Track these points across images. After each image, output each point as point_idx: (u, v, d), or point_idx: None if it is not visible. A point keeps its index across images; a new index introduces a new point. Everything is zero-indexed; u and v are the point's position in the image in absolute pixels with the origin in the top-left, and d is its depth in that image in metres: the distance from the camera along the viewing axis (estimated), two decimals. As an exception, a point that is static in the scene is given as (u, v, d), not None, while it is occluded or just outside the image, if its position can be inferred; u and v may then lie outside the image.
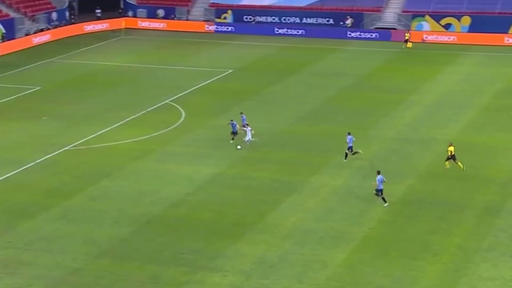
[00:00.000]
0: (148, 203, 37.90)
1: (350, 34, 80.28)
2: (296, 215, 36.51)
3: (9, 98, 56.92)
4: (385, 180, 37.51)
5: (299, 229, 35.00)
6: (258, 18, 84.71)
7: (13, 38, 75.09)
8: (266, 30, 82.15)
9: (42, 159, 43.98)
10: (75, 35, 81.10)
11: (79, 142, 46.93)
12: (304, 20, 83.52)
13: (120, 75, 64.33)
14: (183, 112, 53.42)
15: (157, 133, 48.72)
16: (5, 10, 78.90)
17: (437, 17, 79.84)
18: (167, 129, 49.50)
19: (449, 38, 77.98)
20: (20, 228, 34.90)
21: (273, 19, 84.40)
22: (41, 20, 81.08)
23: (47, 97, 57.63)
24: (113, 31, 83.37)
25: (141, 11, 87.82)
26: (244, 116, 46.86)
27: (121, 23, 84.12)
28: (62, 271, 31.06)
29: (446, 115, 52.47)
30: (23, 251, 32.66)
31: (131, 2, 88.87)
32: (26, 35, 77.09)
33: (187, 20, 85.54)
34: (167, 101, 56.24)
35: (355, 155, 43.36)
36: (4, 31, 76.17)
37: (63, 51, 73.48)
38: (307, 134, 48.74)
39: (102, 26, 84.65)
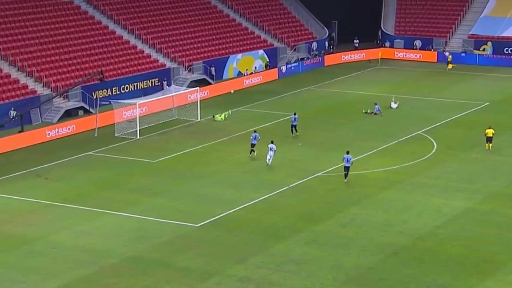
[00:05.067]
0: (396, 233, 38.03)
1: None
2: (551, 257, 34.82)
3: (268, 124, 59.77)
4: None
5: (554, 272, 33.35)
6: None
7: (275, 67, 78.79)
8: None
9: (296, 183, 45.72)
10: (333, 64, 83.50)
11: (330, 169, 48.18)
12: None
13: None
14: (435, 144, 52.95)
15: (407, 164, 48.74)
16: (270, 40, 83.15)
17: None
18: (418, 160, 49.35)
19: None
20: (273, 249, 36.47)
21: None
22: (301, 50, 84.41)
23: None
24: (369, 61, 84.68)
25: (398, 42, 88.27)
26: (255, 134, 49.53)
27: (377, 53, 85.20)
28: (309, 294, 32.10)
29: None
30: (275, 272, 34.08)
31: (389, 33, 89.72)
32: (287, 64, 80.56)
33: (444, 51, 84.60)
34: (419, 132, 56.03)
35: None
36: (267, 60, 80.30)
37: (320, 79, 75.83)
38: None
39: (359, 56, 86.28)
